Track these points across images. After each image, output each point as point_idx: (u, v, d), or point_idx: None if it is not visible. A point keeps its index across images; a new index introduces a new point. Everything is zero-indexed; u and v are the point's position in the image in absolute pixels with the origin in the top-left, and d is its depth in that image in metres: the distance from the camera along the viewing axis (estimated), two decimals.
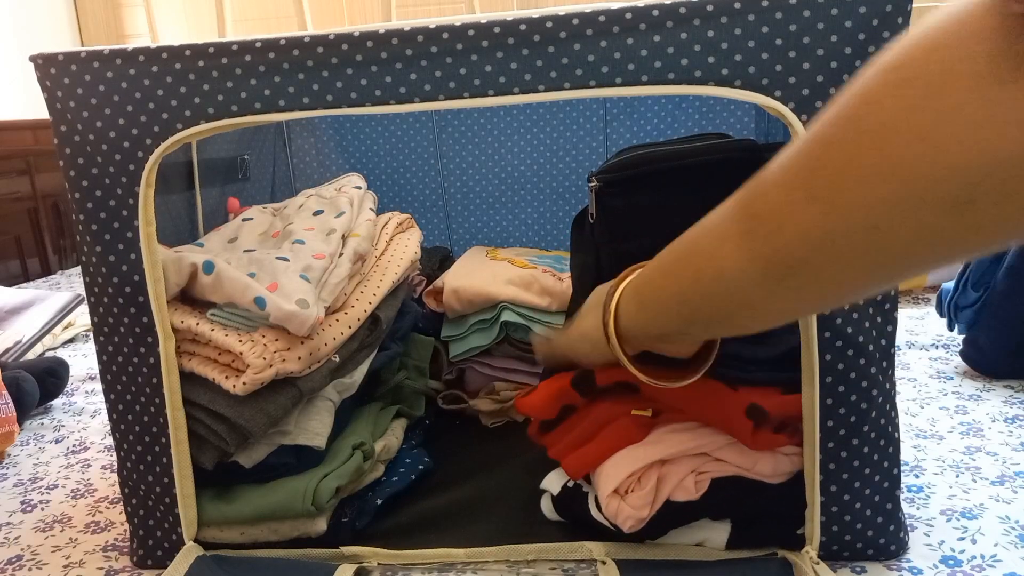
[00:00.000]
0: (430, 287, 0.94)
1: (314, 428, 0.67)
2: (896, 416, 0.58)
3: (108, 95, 0.57)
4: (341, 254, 0.73)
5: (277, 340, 0.63)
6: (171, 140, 0.58)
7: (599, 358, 0.56)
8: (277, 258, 0.68)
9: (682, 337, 0.52)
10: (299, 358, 0.64)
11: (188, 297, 0.67)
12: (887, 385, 0.57)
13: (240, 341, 0.62)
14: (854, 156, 0.34)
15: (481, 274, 0.92)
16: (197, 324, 0.63)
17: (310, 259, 0.69)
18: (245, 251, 0.72)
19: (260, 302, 0.62)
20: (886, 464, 0.58)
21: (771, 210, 0.37)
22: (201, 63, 0.56)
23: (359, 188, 0.87)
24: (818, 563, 0.57)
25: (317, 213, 0.80)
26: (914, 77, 0.32)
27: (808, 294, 0.39)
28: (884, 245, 0.35)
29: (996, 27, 0.30)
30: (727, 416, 0.58)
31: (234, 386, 0.61)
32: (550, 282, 0.90)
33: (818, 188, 0.35)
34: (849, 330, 0.55)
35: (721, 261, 0.41)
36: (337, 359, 0.69)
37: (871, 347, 0.56)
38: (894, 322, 0.57)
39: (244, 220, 0.82)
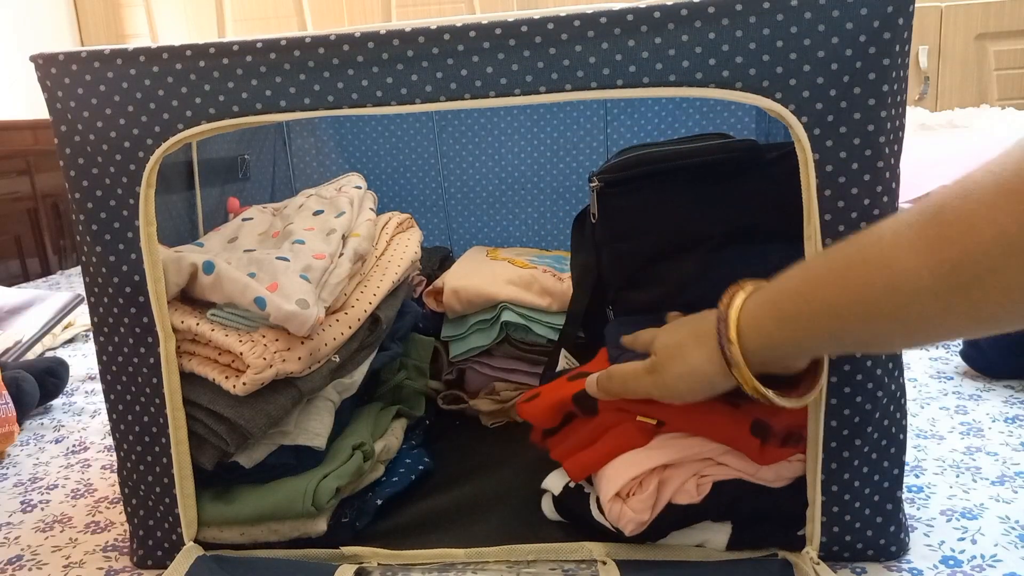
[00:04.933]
0: (430, 287, 0.94)
1: (314, 428, 0.67)
2: (903, 418, 0.58)
3: (109, 95, 0.57)
4: (341, 254, 0.73)
5: (277, 340, 0.63)
6: (172, 140, 0.57)
7: (701, 395, 0.51)
8: (277, 258, 0.68)
9: (817, 355, 0.48)
10: (299, 358, 0.64)
11: (188, 297, 0.67)
12: (893, 387, 0.57)
13: (240, 341, 0.62)
14: None
15: (481, 274, 0.92)
16: (197, 324, 0.63)
17: (310, 259, 0.69)
18: (245, 251, 0.72)
19: (260, 302, 0.62)
20: (888, 465, 0.58)
21: (967, 214, 0.35)
22: (202, 63, 0.56)
23: (359, 188, 0.87)
24: (819, 563, 0.57)
25: (317, 213, 0.80)
26: None
27: (988, 309, 0.35)
28: None
29: None
30: (733, 434, 0.57)
31: (234, 386, 0.61)
32: (550, 282, 0.90)
33: (1020, 188, 0.32)
34: None
35: (897, 270, 0.37)
36: (337, 359, 0.69)
37: None
38: None
39: (244, 220, 0.82)
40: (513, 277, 0.90)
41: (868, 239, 0.40)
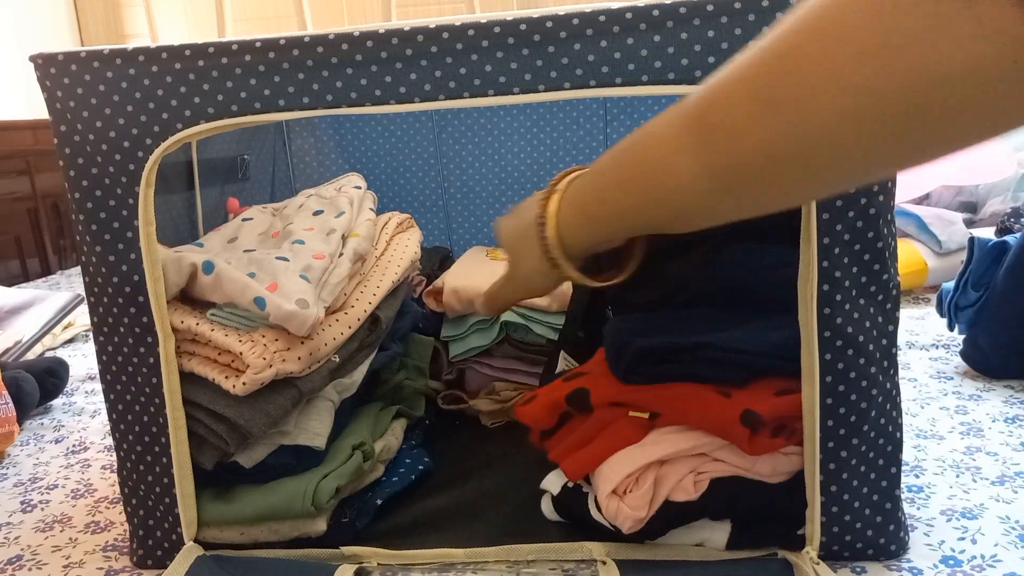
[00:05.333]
0: (430, 287, 0.94)
1: (314, 428, 0.67)
2: (899, 416, 0.58)
3: (108, 95, 0.57)
4: (341, 254, 0.73)
5: (277, 340, 0.63)
6: (171, 140, 0.57)
7: (550, 286, 0.57)
8: (277, 258, 0.68)
9: (622, 239, 0.55)
10: (299, 358, 0.64)
11: (188, 297, 0.67)
12: (888, 385, 0.57)
13: (240, 341, 0.62)
14: (818, 66, 0.34)
15: (481, 274, 0.92)
16: (197, 324, 0.63)
17: (310, 259, 0.69)
18: (245, 251, 0.72)
19: (260, 302, 0.62)
20: (886, 464, 0.58)
21: (729, 121, 0.38)
22: (201, 63, 0.56)
23: (359, 188, 0.87)
24: (818, 563, 0.57)
25: (317, 213, 0.80)
26: None
27: (755, 202, 0.40)
28: (835, 155, 0.36)
29: None
30: (723, 424, 0.58)
31: (234, 386, 0.61)
32: None
33: (780, 98, 0.36)
34: (849, 329, 0.55)
35: (676, 173, 0.41)
36: (337, 359, 0.69)
37: (871, 346, 0.56)
38: (895, 322, 0.57)
39: (244, 220, 0.82)
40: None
41: (650, 138, 0.44)
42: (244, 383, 0.61)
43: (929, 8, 0.31)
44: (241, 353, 0.61)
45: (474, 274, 0.93)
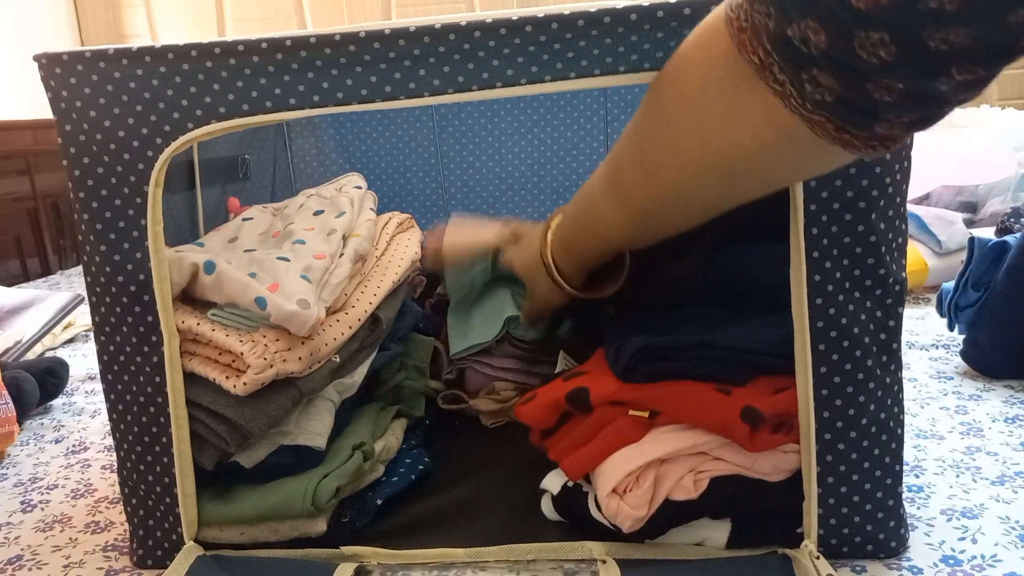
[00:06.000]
0: (426, 245, 0.92)
1: (314, 428, 0.67)
2: (900, 412, 0.58)
3: (116, 95, 0.58)
4: (342, 254, 0.73)
5: (278, 340, 0.63)
6: (182, 139, 0.58)
7: (563, 300, 0.72)
8: (278, 258, 0.68)
9: (598, 262, 0.70)
10: (300, 358, 0.64)
11: (188, 297, 0.67)
12: (888, 380, 0.57)
13: (241, 341, 0.62)
14: (660, 146, 0.49)
15: (474, 228, 0.91)
16: (198, 324, 0.63)
17: (311, 259, 0.69)
18: (245, 251, 0.72)
19: (261, 302, 0.62)
20: (887, 460, 0.58)
21: (625, 185, 0.54)
22: (209, 63, 0.56)
23: (359, 188, 0.87)
24: (818, 557, 0.57)
25: (318, 213, 0.80)
26: (686, 90, 0.46)
27: (660, 229, 0.57)
28: (693, 200, 0.51)
29: (730, 51, 0.41)
30: (723, 421, 0.58)
31: (235, 386, 0.61)
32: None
33: (647, 169, 0.51)
34: (843, 321, 0.55)
35: (608, 221, 0.59)
36: (338, 359, 0.69)
37: (867, 339, 0.56)
38: (897, 317, 0.57)
39: (244, 220, 0.82)
40: (501, 226, 0.91)
41: (590, 198, 0.61)
42: (245, 383, 0.61)
43: (728, 99, 0.43)
44: (242, 353, 0.62)
45: (468, 229, 0.91)
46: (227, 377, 0.62)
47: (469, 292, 0.89)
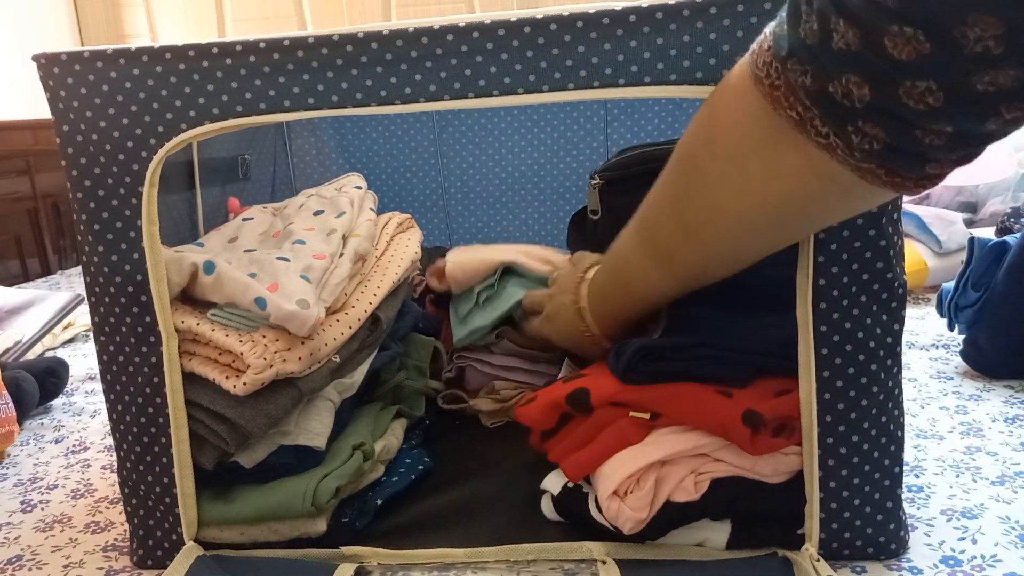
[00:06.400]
0: (432, 267, 0.94)
1: (314, 428, 0.67)
2: (900, 415, 0.58)
3: (112, 95, 0.58)
4: (342, 254, 0.73)
5: (277, 340, 0.63)
6: (176, 140, 0.58)
7: (597, 353, 0.70)
8: (278, 258, 0.68)
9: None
10: (299, 358, 0.64)
11: (188, 297, 0.67)
12: (890, 383, 0.57)
13: (240, 341, 0.62)
14: (702, 208, 0.49)
15: (482, 251, 0.93)
16: (197, 324, 0.63)
17: (311, 259, 0.69)
18: (245, 251, 0.72)
19: (261, 302, 0.62)
20: (887, 462, 0.58)
21: (668, 249, 0.55)
22: (205, 63, 0.56)
23: (359, 188, 0.87)
24: (818, 560, 0.57)
25: (318, 213, 0.80)
26: (721, 149, 0.46)
27: (706, 282, 0.57)
28: (737, 255, 0.52)
29: (762, 107, 0.41)
30: (724, 424, 0.58)
31: (234, 386, 0.61)
32: (550, 252, 0.92)
33: (691, 232, 0.51)
34: (847, 325, 0.55)
35: (653, 284, 0.59)
36: (338, 359, 0.69)
37: (872, 343, 0.56)
38: (900, 320, 0.57)
39: (244, 220, 0.82)
40: (511, 248, 0.93)
41: (624, 267, 0.61)
42: (245, 383, 0.61)
43: (767, 154, 0.43)
44: (242, 353, 0.62)
45: (475, 250, 0.93)
46: (227, 377, 0.62)
47: (474, 306, 0.89)
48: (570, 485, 0.65)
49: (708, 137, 0.46)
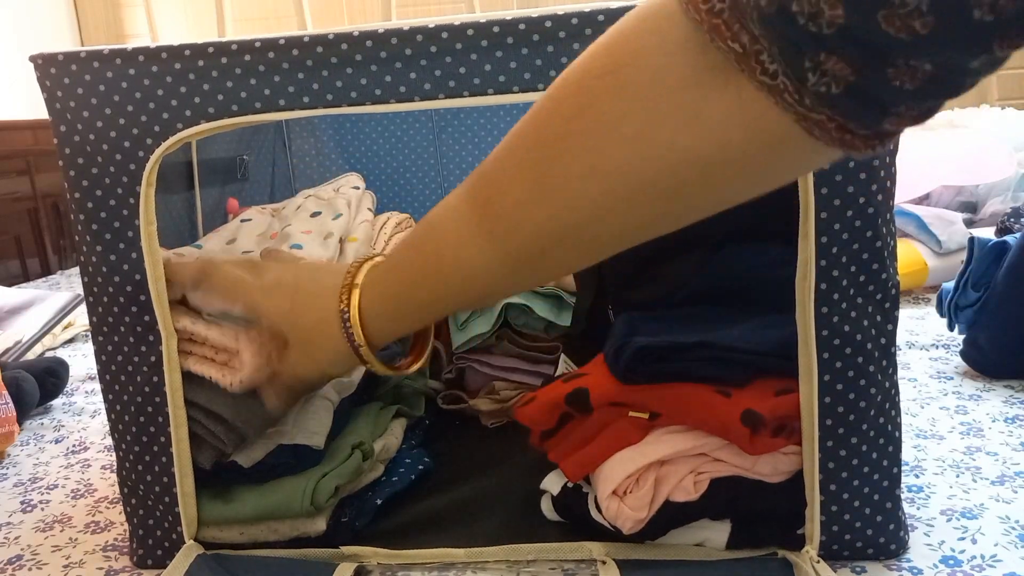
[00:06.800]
0: None
1: (312, 427, 0.67)
2: (898, 416, 0.58)
3: (108, 95, 0.57)
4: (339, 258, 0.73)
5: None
6: (172, 140, 0.58)
7: (346, 373, 0.61)
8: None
9: (429, 324, 0.57)
10: None
11: (184, 299, 0.67)
12: (887, 384, 0.57)
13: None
14: (574, 158, 0.38)
15: None
16: (193, 323, 0.63)
17: None
18: (244, 252, 0.72)
19: None
20: (886, 463, 0.58)
21: (508, 210, 0.41)
22: (201, 63, 0.56)
23: (357, 188, 0.87)
24: (819, 562, 0.57)
25: (315, 215, 0.80)
26: (625, 84, 0.36)
27: (546, 274, 0.44)
28: (611, 231, 0.40)
29: (691, 37, 0.34)
30: (723, 424, 0.58)
31: (231, 383, 0.61)
32: None
33: (546, 188, 0.39)
34: (847, 328, 0.55)
35: (469, 262, 0.44)
36: None
37: (869, 345, 0.56)
38: (894, 321, 0.57)
39: (243, 221, 0.82)
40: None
41: (436, 234, 0.46)
42: (241, 380, 0.61)
43: (688, 96, 0.34)
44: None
45: None
46: (223, 375, 0.62)
47: (473, 312, 0.89)
48: (570, 485, 0.65)
49: (611, 68, 0.37)
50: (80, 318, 1.43)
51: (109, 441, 0.94)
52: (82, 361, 1.28)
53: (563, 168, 0.39)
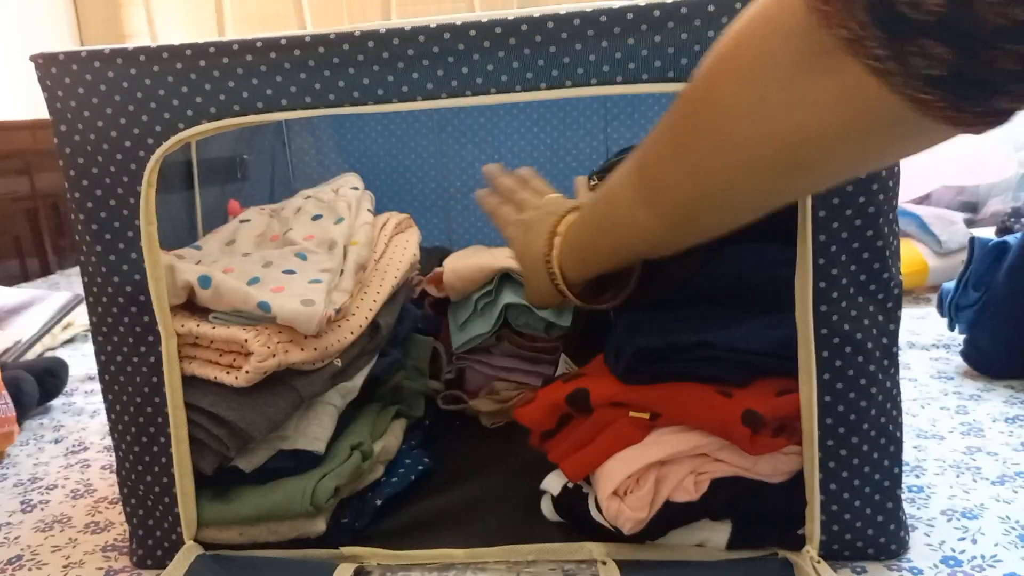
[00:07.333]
0: (430, 275, 0.94)
1: (313, 432, 0.66)
2: (899, 415, 0.58)
3: (109, 95, 0.57)
4: (343, 272, 0.73)
5: (281, 332, 0.63)
6: (173, 140, 0.58)
7: (558, 303, 0.67)
8: (284, 272, 0.69)
9: (613, 270, 0.65)
10: (302, 349, 0.64)
11: (188, 303, 0.67)
12: (888, 383, 0.57)
13: (244, 330, 0.62)
14: (706, 135, 0.43)
15: (479, 257, 0.92)
16: (197, 326, 0.63)
17: (317, 273, 0.69)
18: (243, 255, 0.72)
19: (264, 306, 0.62)
20: (887, 463, 0.58)
21: (659, 182, 0.48)
22: (202, 63, 0.56)
23: (356, 189, 0.87)
24: (819, 562, 0.57)
25: (316, 218, 0.80)
26: (743, 67, 0.40)
27: (700, 233, 0.52)
28: (740, 199, 0.45)
29: (804, 24, 0.36)
30: (724, 424, 0.58)
31: (236, 378, 0.61)
32: None
33: (689, 164, 0.45)
34: (846, 327, 0.55)
35: (635, 222, 0.52)
36: (339, 363, 0.69)
37: (870, 344, 0.56)
38: (896, 321, 0.57)
39: (241, 222, 0.81)
40: (509, 252, 0.91)
41: (611, 198, 0.55)
42: (247, 371, 0.61)
43: (801, 79, 0.37)
44: (246, 340, 0.61)
45: (472, 256, 0.93)
46: (228, 372, 0.62)
47: (473, 313, 0.89)
48: (570, 485, 0.65)
49: (730, 54, 0.41)
50: (80, 318, 1.43)
51: (109, 441, 0.94)
52: (82, 361, 1.28)
53: (697, 144, 0.44)
